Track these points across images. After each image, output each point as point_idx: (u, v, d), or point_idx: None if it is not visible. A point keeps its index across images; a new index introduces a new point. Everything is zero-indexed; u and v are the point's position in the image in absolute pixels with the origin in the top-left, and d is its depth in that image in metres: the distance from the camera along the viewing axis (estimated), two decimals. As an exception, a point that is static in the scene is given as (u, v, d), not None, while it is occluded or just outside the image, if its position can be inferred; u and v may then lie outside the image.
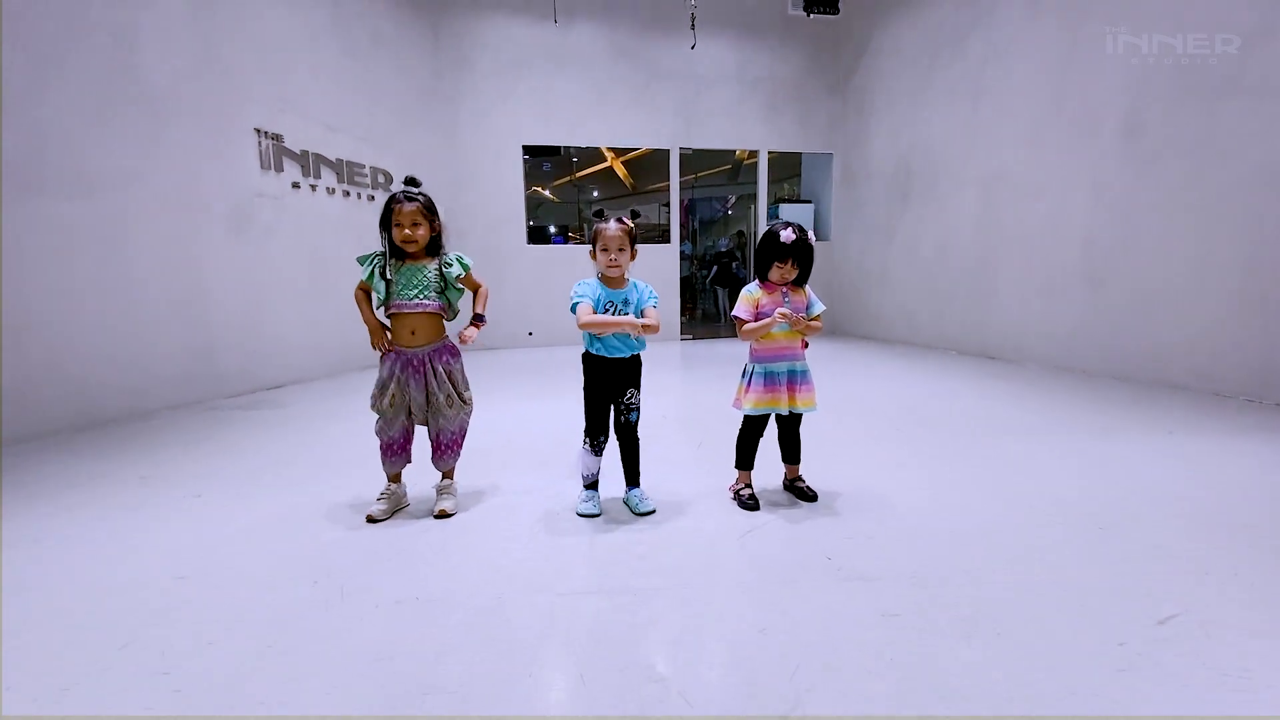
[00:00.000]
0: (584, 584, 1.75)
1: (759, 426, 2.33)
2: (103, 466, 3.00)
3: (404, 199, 2.18)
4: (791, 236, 2.14)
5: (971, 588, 1.68)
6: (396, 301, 2.22)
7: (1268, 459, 2.76)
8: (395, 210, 2.17)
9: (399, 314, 2.23)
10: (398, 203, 2.17)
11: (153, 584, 1.81)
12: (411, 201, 2.18)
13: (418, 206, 2.18)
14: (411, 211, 2.17)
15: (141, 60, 4.14)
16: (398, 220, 2.17)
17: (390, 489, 2.31)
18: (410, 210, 2.17)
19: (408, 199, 2.18)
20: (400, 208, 2.17)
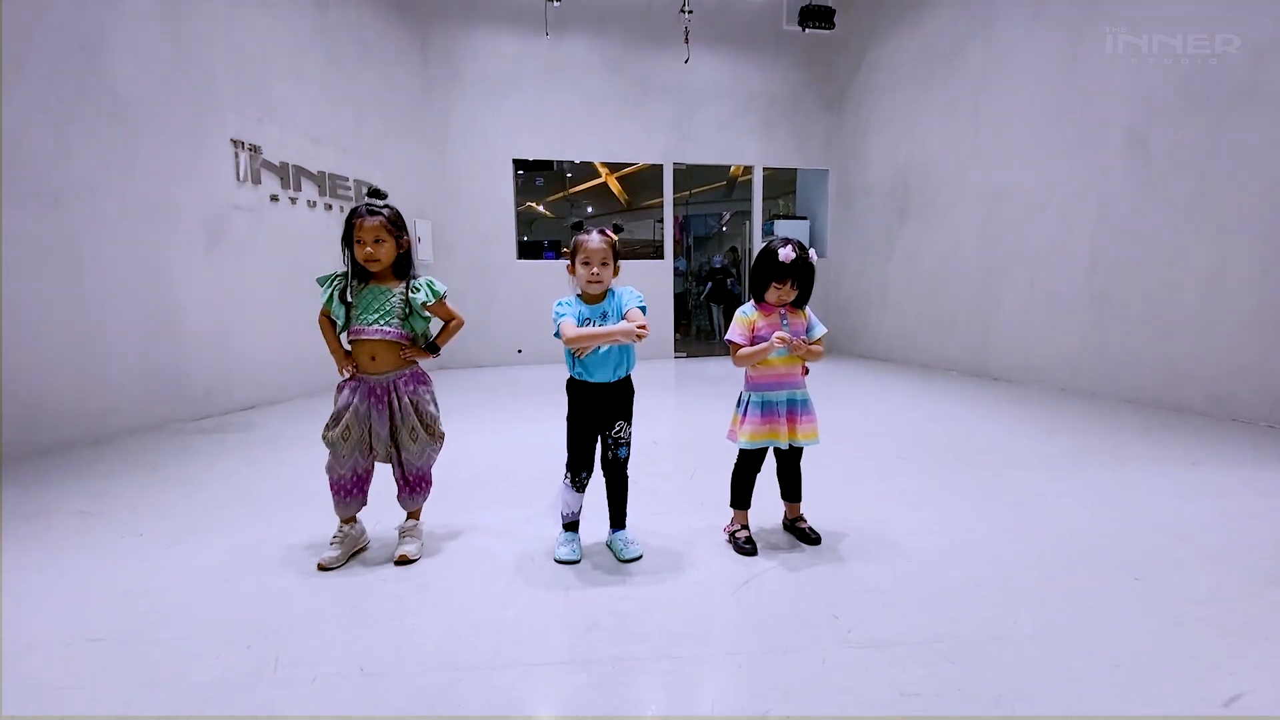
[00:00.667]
0: (557, 653, 1.51)
1: (756, 461, 2.12)
2: (41, 499, 2.75)
3: (366, 213, 1.96)
4: (791, 255, 1.94)
5: (1001, 656, 1.46)
6: (355, 327, 2.00)
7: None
8: (356, 225, 1.95)
9: (358, 340, 2.01)
10: (359, 217, 1.96)
11: (63, 648, 1.56)
12: (374, 215, 1.96)
13: (380, 221, 1.96)
14: (374, 227, 1.95)
15: (110, 67, 3.95)
16: (359, 237, 1.95)
17: (344, 531, 2.08)
18: (372, 225, 1.95)
19: (370, 213, 1.96)
20: (361, 222, 1.95)
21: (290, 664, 1.48)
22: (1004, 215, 5.71)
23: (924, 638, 1.54)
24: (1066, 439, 3.55)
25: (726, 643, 1.55)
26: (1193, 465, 3.00)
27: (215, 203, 4.67)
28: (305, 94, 5.49)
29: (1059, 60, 5.08)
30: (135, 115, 4.10)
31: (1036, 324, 5.38)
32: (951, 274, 6.39)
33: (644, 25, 7.68)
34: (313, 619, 1.69)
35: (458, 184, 7.41)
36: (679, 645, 1.54)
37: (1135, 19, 4.46)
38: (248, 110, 4.92)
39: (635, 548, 2.04)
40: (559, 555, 2.01)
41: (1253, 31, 3.81)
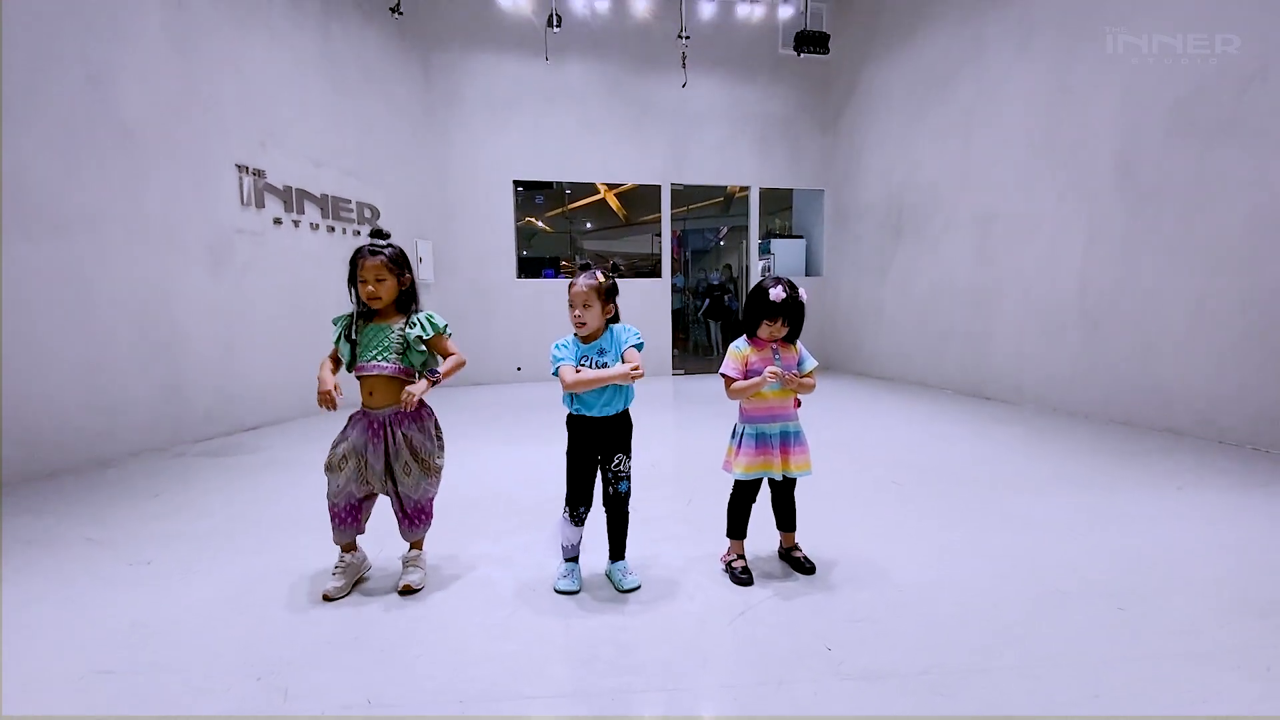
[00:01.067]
0: (557, 685, 1.56)
1: (751, 491, 2.17)
2: (49, 525, 2.79)
3: (368, 253, 2.03)
4: (782, 295, 2.01)
5: (987, 688, 1.51)
6: (359, 364, 2.06)
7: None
8: (359, 265, 2.03)
9: (361, 376, 2.07)
10: (362, 257, 2.03)
11: (74, 681, 1.61)
12: (376, 255, 2.03)
13: (382, 261, 2.03)
14: (375, 266, 2.02)
15: (118, 96, 4.04)
16: (361, 276, 2.02)
17: (345, 560, 2.12)
18: (374, 265, 2.02)
19: (372, 252, 2.03)
20: (364, 262, 2.02)
21: (299, 696, 1.53)
22: (996, 238, 5.81)
23: (914, 669, 1.59)
24: (1057, 462, 3.61)
25: (722, 674, 1.60)
26: (1179, 490, 3.06)
27: (219, 227, 4.75)
28: (308, 118, 5.59)
29: (1047, 90, 5.21)
30: (142, 143, 4.18)
31: (1029, 345, 5.47)
32: (946, 295, 6.49)
33: (642, 49, 7.83)
34: (320, 650, 1.74)
35: (459, 205, 7.51)
36: (676, 677, 1.58)
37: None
38: (252, 135, 5.01)
39: (634, 578, 2.09)
40: (559, 586, 2.06)
41: (1237, 65, 3.93)
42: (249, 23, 5.01)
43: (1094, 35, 4.78)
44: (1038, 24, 5.31)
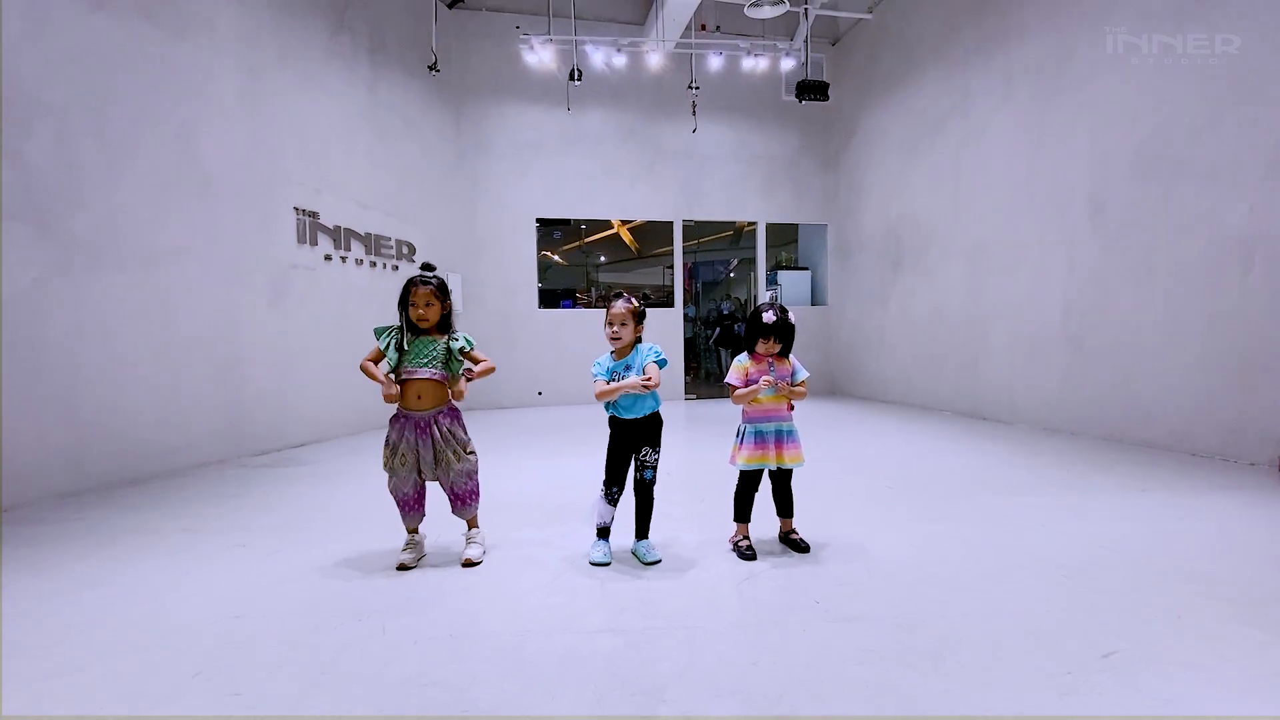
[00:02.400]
0: (598, 624, 1.96)
1: (753, 482, 2.58)
2: (148, 519, 3.24)
3: (420, 282, 2.52)
4: (772, 318, 2.46)
5: (941, 626, 1.89)
6: (407, 368, 2.51)
7: (1231, 515, 2.97)
8: (412, 291, 2.51)
9: (409, 380, 2.52)
10: (415, 285, 2.51)
11: (212, 623, 2.03)
12: (426, 285, 2.52)
13: (431, 289, 2.51)
14: (425, 293, 2.50)
15: (200, 149, 4.63)
16: (413, 300, 2.50)
17: (412, 539, 2.55)
18: (424, 292, 2.50)
19: (423, 282, 2.52)
20: (416, 290, 2.50)
21: (394, 631, 1.94)
22: (986, 269, 6.25)
23: (882, 615, 1.98)
24: (1037, 471, 3.97)
25: (729, 618, 1.99)
26: (1143, 491, 3.41)
27: (279, 263, 5.30)
28: (355, 165, 6.20)
29: (1026, 135, 5.70)
30: (218, 190, 4.76)
31: (1018, 368, 5.84)
32: (942, 322, 6.90)
33: (655, 98, 8.48)
34: (403, 603, 2.15)
35: (486, 241, 8.10)
36: (692, 620, 1.98)
37: (1097, 105, 5.08)
38: (308, 181, 5.61)
39: (656, 553, 2.49)
40: (593, 558, 2.47)
41: (1187, 114, 4.39)
42: (308, 85, 5.65)
43: (1067, 87, 5.28)
44: (1017, 75, 5.83)
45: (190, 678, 1.70)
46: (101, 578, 2.44)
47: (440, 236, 7.49)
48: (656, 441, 2.53)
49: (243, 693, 1.61)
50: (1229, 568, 2.34)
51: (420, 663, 1.75)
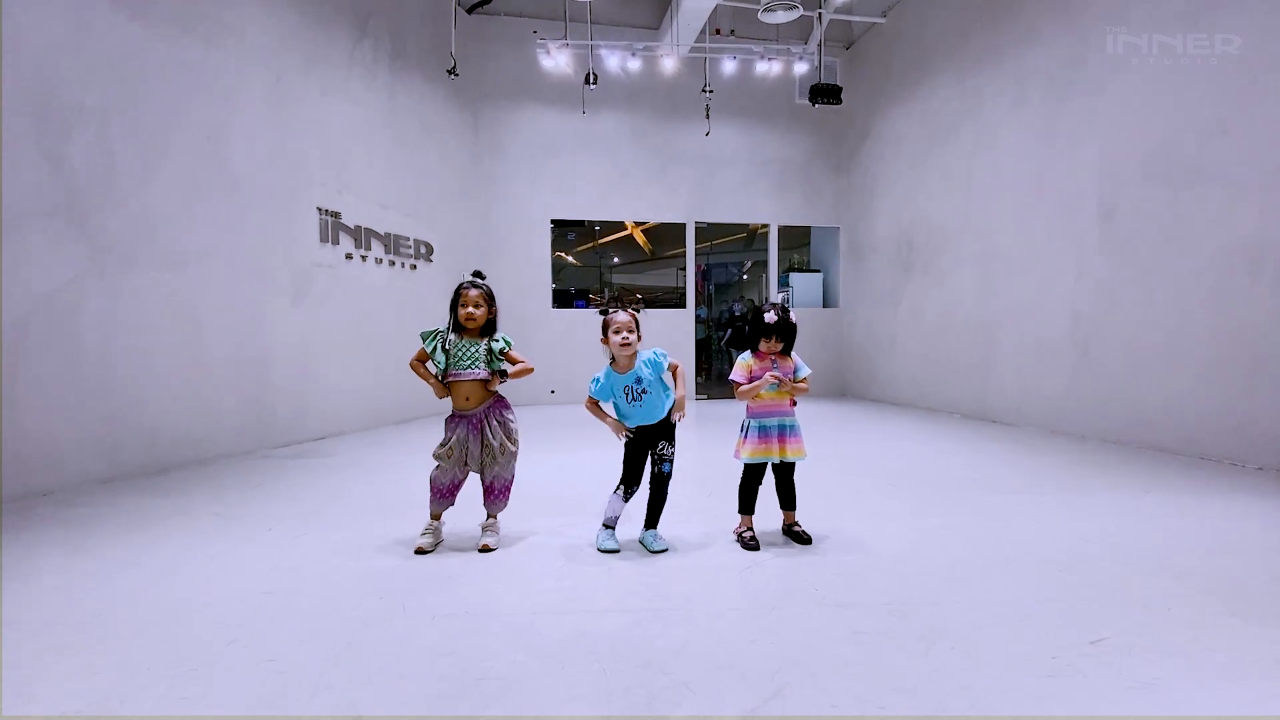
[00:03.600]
0: (605, 605, 2.07)
1: (757, 475, 2.67)
2: (179, 504, 3.40)
3: (470, 286, 2.66)
4: (774, 318, 2.56)
5: (934, 613, 1.97)
6: (453, 371, 2.64)
7: (1231, 516, 3.01)
8: (463, 294, 2.66)
9: (455, 382, 2.65)
10: (465, 288, 2.65)
11: (244, 598, 2.16)
12: (476, 288, 2.66)
13: (480, 293, 2.66)
14: (475, 296, 2.65)
15: (229, 152, 4.82)
16: (464, 302, 2.64)
17: (432, 525, 2.68)
18: (474, 295, 2.65)
19: (474, 286, 2.66)
20: (467, 292, 2.65)
21: (414, 609, 2.06)
22: (996, 273, 6.28)
23: (877, 601, 2.06)
24: (1043, 471, 4.01)
25: (731, 602, 2.09)
26: (1145, 493, 3.45)
27: (302, 262, 5.48)
28: (375, 167, 6.38)
29: (1037, 140, 5.74)
30: (245, 191, 4.94)
31: (1027, 371, 5.87)
32: (952, 325, 6.93)
33: (669, 102, 8.59)
34: (421, 584, 2.27)
35: (501, 242, 8.25)
36: (694, 603, 2.08)
37: (1106, 114, 5.11)
38: (331, 183, 5.78)
39: (663, 543, 2.60)
40: (602, 545, 2.57)
41: (1198, 119, 4.41)
42: (332, 91, 5.83)
43: (1078, 91, 5.31)
44: (1029, 80, 5.86)
45: (226, 645, 1.83)
46: (138, 557, 2.59)
47: (456, 237, 7.65)
48: (671, 437, 2.64)
49: (275, 659, 1.74)
50: (1222, 564, 2.39)
51: (438, 636, 1.86)
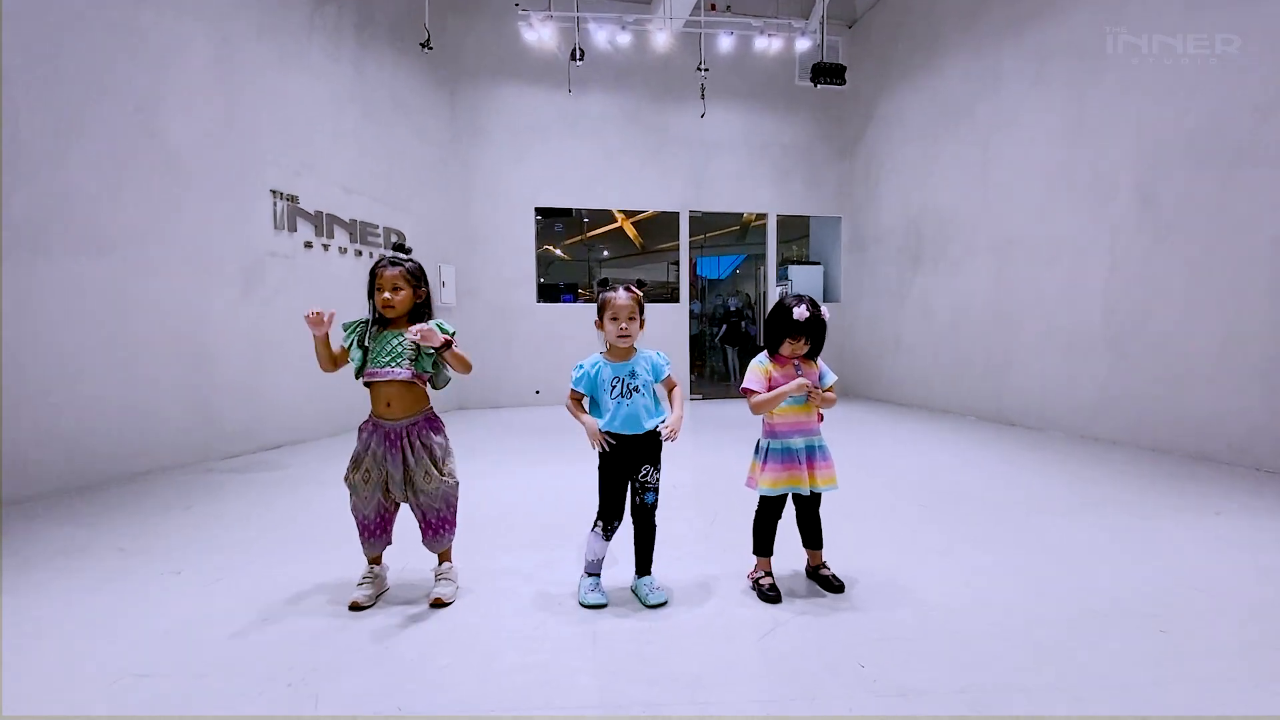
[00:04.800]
0: (585, 698, 1.55)
1: (777, 508, 2.17)
2: (83, 536, 2.84)
3: (388, 264, 2.11)
4: (805, 314, 2.03)
5: (1027, 708, 1.48)
6: (370, 369, 2.11)
7: (1330, 547, 2.55)
8: (378, 275, 2.10)
9: (373, 383, 2.11)
10: (381, 267, 2.11)
11: (110, 684, 1.63)
12: (394, 266, 2.10)
13: (400, 271, 2.10)
14: (392, 276, 2.09)
15: (163, 124, 4.22)
16: (379, 285, 2.09)
17: (372, 571, 2.15)
18: (391, 275, 2.09)
19: (391, 264, 2.11)
20: (382, 272, 2.09)
21: (330, 701, 1.53)
22: (1016, 264, 5.80)
23: (950, 687, 1.56)
24: (1089, 487, 3.54)
25: (753, 689, 1.58)
26: (1216, 515, 2.99)
27: (253, 250, 4.90)
28: (341, 147, 5.79)
29: (1064, 119, 5.25)
30: (184, 169, 4.36)
31: (1052, 371, 5.41)
32: (966, 321, 6.46)
33: (662, 81, 8.03)
34: (350, 658, 1.74)
35: (482, 231, 7.67)
36: (706, 691, 1.57)
37: (1141, 85, 4.62)
38: (287, 163, 5.20)
39: (660, 593, 2.08)
40: (586, 600, 2.05)
41: (1251, 92, 3.94)
42: (289, 59, 5.24)
43: (1109, 66, 4.83)
44: (1052, 55, 5.38)
45: (53, 772, 1.30)
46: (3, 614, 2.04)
47: (432, 225, 7.07)
48: (657, 460, 2.12)
49: (108, 804, 1.21)
50: (1359, 621, 1.92)
51: (354, 754, 1.34)
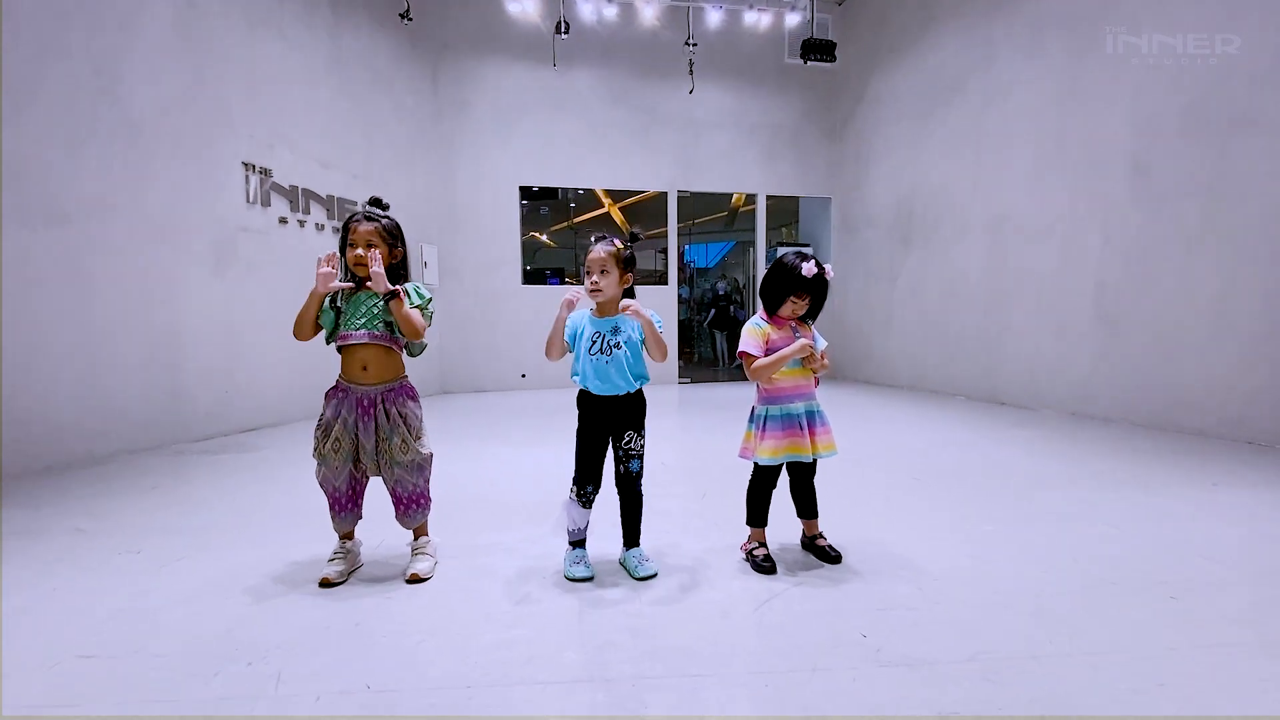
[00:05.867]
0: (572, 671, 1.44)
1: (773, 477, 2.06)
2: (37, 517, 2.68)
3: (363, 218, 1.96)
4: (814, 270, 1.92)
5: (1041, 675, 1.39)
6: (343, 333, 1.96)
7: (1333, 515, 2.50)
8: (351, 230, 1.95)
9: (346, 346, 1.97)
10: (355, 221, 1.96)
11: (50, 667, 1.49)
12: (370, 221, 1.96)
13: (375, 228, 1.95)
14: (367, 232, 1.94)
15: (125, 90, 4.00)
16: (352, 240, 1.94)
17: (344, 546, 2.02)
18: (366, 230, 1.94)
19: (367, 219, 1.96)
20: (356, 227, 1.95)
21: (293, 680, 1.41)
22: (1008, 242, 5.74)
23: (958, 657, 1.47)
24: (1085, 462, 3.48)
25: (750, 661, 1.48)
26: (1214, 486, 2.93)
27: (224, 224, 4.69)
28: (316, 120, 5.57)
29: (1057, 93, 5.17)
30: (148, 137, 4.14)
31: (1044, 349, 5.36)
32: (957, 300, 6.39)
33: (649, 57, 7.85)
34: (316, 636, 1.62)
35: (465, 210, 7.48)
36: (700, 663, 1.46)
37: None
38: (260, 135, 4.98)
39: (650, 565, 1.97)
40: (571, 574, 1.94)
41: (1250, 59, 3.88)
42: (260, 25, 5.01)
43: (1103, 37, 4.75)
44: (1046, 26, 5.29)
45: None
46: (-65, 597, 1.89)
47: (413, 202, 6.86)
48: (640, 424, 2.00)
49: (33, 794, 1.08)
50: (1372, 585, 1.86)
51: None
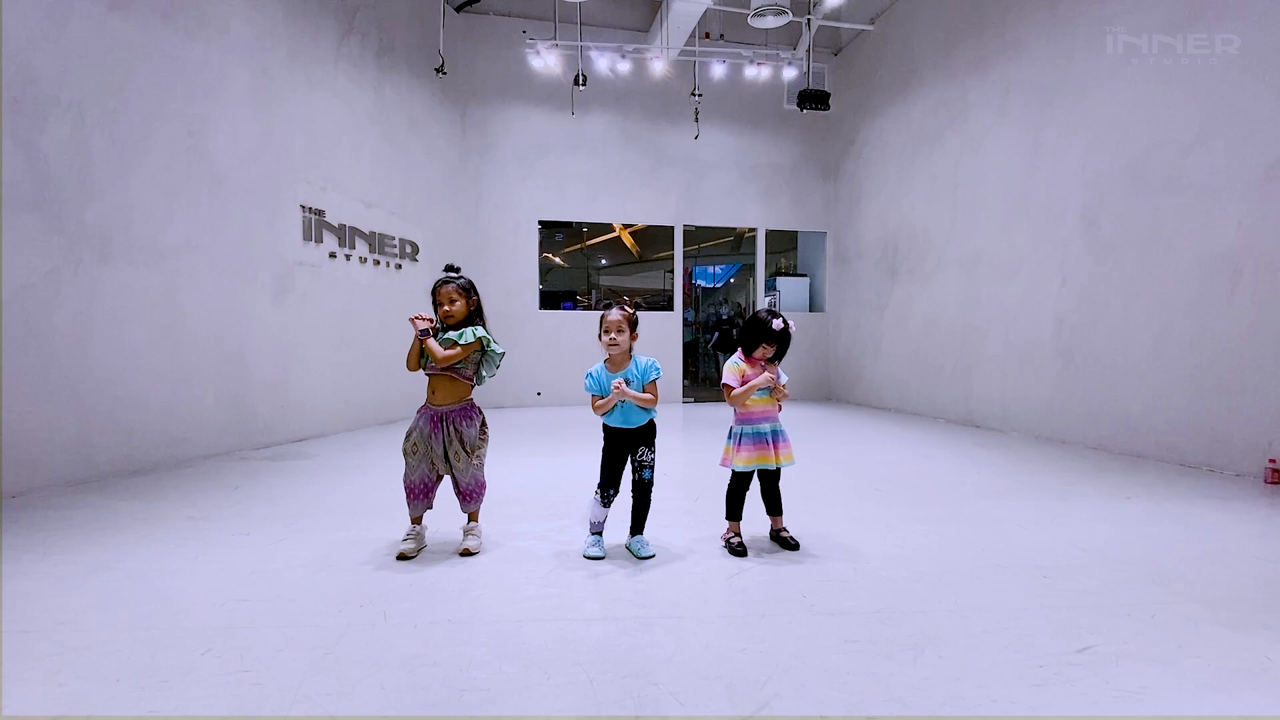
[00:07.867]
0: (591, 613, 2.03)
1: (746, 482, 2.66)
2: (153, 507, 3.31)
3: (444, 282, 2.62)
4: (781, 325, 2.55)
5: (923, 621, 1.96)
6: (429, 364, 2.61)
7: (1212, 523, 3.05)
8: (438, 290, 2.61)
9: (430, 375, 2.63)
10: (441, 284, 2.62)
11: (219, 605, 2.10)
12: (450, 283, 2.62)
13: (454, 287, 2.62)
14: (449, 291, 2.61)
15: (210, 146, 4.72)
16: (439, 299, 2.61)
17: (414, 530, 2.63)
18: (448, 290, 2.61)
19: (446, 281, 2.62)
20: (442, 288, 2.62)
21: (395, 615, 2.01)
22: (981, 279, 6.33)
23: (867, 609, 2.05)
24: (1027, 477, 4.04)
25: (718, 609, 2.06)
26: (1127, 500, 3.49)
27: (284, 260, 5.38)
28: (361, 164, 6.29)
29: (1022, 147, 5.80)
30: (227, 187, 4.85)
31: (1011, 377, 5.92)
32: (937, 330, 6.98)
33: (658, 105, 8.58)
34: (403, 591, 2.22)
35: (488, 242, 8.19)
36: (683, 610, 2.05)
37: (1088, 125, 5.17)
38: (315, 179, 5.69)
39: (650, 549, 2.57)
40: (588, 552, 2.54)
41: (1179, 130, 4.48)
42: (317, 86, 5.75)
43: (1061, 101, 5.38)
44: (1013, 88, 5.93)
45: (200, 655, 1.77)
46: (109, 561, 2.51)
47: (443, 236, 7.57)
48: (651, 442, 2.61)
49: (251, 669, 1.68)
50: (1205, 571, 2.41)
51: (420, 645, 1.82)
